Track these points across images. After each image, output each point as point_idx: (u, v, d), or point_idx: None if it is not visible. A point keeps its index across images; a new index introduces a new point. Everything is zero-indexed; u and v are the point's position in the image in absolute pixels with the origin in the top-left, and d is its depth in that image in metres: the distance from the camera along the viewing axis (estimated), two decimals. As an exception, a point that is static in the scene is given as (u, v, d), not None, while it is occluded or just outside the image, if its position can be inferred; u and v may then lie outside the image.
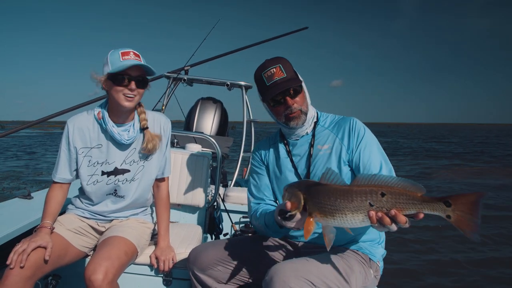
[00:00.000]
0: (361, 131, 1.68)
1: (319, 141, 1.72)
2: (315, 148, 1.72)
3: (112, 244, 1.76)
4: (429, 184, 9.92)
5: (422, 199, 1.10)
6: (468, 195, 1.06)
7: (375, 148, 1.65)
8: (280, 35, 4.46)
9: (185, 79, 3.93)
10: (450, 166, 14.54)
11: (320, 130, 1.75)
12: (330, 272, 1.46)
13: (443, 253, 4.92)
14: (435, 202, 1.08)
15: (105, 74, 1.75)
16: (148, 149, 1.90)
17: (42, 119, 2.79)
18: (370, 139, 1.67)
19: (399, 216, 1.12)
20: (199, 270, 1.70)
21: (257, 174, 1.87)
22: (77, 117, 1.89)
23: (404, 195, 1.11)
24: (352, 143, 1.66)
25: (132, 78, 1.76)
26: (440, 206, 1.07)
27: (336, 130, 1.72)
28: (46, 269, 1.64)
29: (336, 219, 1.21)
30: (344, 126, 1.71)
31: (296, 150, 1.76)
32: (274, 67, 1.63)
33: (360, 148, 1.64)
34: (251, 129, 4.60)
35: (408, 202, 1.10)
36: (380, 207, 1.13)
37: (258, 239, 1.83)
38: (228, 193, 3.31)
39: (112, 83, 1.75)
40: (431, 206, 1.08)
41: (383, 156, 1.64)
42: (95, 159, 1.87)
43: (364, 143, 1.65)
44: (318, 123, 1.77)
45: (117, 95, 1.76)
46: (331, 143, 1.70)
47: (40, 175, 11.61)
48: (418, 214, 1.12)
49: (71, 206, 1.99)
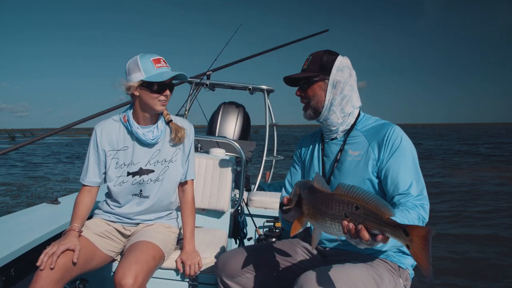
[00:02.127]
0: (396, 142, 1.54)
1: (352, 146, 1.64)
2: (346, 153, 1.64)
3: (140, 248, 1.77)
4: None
5: (386, 221, 1.05)
6: (421, 228, 1.00)
7: (409, 162, 1.52)
8: (301, 39, 4.43)
9: (207, 84, 3.95)
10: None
11: (355, 134, 1.66)
12: (360, 281, 1.40)
13: (478, 262, 4.71)
14: (396, 228, 1.03)
15: (137, 80, 1.80)
16: (178, 138, 1.96)
17: (68, 126, 2.83)
18: (405, 151, 1.53)
19: (362, 232, 1.07)
20: (227, 277, 1.67)
21: (293, 170, 1.88)
22: (104, 122, 1.96)
23: (374, 213, 1.07)
24: (383, 153, 1.54)
25: (167, 86, 1.84)
26: (400, 233, 1.02)
27: (371, 136, 1.61)
28: (74, 272, 1.66)
29: (318, 222, 1.19)
30: (380, 133, 1.59)
31: (328, 152, 1.72)
32: (308, 58, 1.68)
33: (391, 161, 1.52)
34: (274, 132, 4.58)
35: (375, 220, 1.06)
36: (353, 219, 1.10)
37: (286, 245, 1.79)
38: (252, 197, 3.29)
39: (148, 90, 1.82)
40: (392, 231, 1.04)
41: (417, 172, 1.51)
42: (122, 161, 1.92)
43: (396, 156, 1.52)
44: (355, 127, 1.68)
45: (153, 101, 1.83)
46: (363, 150, 1.60)
47: (67, 180, 11.91)
48: (378, 236, 1.06)
49: (98, 211, 2.02)
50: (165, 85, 1.83)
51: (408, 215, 1.35)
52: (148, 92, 1.82)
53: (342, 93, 1.64)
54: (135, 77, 1.81)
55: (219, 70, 3.72)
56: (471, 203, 7.87)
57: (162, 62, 1.84)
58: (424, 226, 1.00)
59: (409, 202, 1.43)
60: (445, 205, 7.60)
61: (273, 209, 3.24)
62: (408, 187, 1.46)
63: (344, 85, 1.64)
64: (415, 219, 1.36)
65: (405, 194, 1.45)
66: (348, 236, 1.11)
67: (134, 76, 1.81)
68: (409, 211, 1.37)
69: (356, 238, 1.09)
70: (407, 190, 1.46)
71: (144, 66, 1.80)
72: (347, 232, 1.10)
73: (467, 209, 7.31)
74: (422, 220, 1.39)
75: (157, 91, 1.82)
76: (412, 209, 1.39)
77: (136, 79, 1.80)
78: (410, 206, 1.41)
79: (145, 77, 1.79)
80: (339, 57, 1.65)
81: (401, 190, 1.47)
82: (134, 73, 1.81)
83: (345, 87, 1.64)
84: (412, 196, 1.45)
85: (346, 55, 1.69)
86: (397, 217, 1.30)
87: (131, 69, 1.82)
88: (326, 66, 1.63)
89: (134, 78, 1.81)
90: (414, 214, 1.37)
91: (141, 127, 1.90)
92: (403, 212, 1.36)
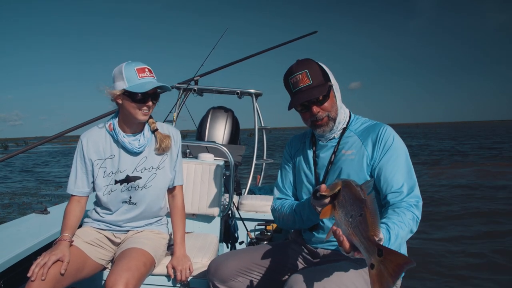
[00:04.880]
0: (389, 141, 1.57)
1: (345, 146, 1.66)
2: (339, 153, 1.66)
3: (131, 255, 1.78)
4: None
5: (368, 237, 1.07)
6: (399, 255, 1.02)
7: (402, 161, 1.55)
8: (289, 41, 4.44)
9: (195, 89, 3.96)
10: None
11: (348, 134, 1.68)
12: (350, 281, 1.43)
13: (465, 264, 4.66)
14: (371, 243, 1.06)
15: (120, 89, 1.80)
16: (162, 149, 1.96)
17: (59, 134, 2.84)
18: (397, 150, 1.56)
19: (344, 242, 1.15)
20: (219, 281, 1.68)
21: (284, 170, 1.87)
22: (89, 132, 1.96)
23: (365, 225, 1.09)
24: (376, 152, 1.58)
25: (149, 96, 1.83)
26: (373, 250, 1.05)
27: (364, 136, 1.64)
28: (65, 282, 1.66)
29: (339, 220, 1.22)
30: (372, 133, 1.62)
31: (321, 153, 1.72)
32: (300, 73, 1.56)
33: (384, 160, 1.55)
34: (263, 136, 4.61)
35: (361, 232, 1.09)
36: (350, 222, 1.14)
37: (278, 247, 1.81)
38: (242, 201, 3.31)
39: (129, 100, 1.81)
40: (369, 245, 1.06)
41: (409, 171, 1.54)
42: (109, 170, 1.93)
43: (389, 155, 1.55)
44: (348, 127, 1.70)
45: (134, 110, 1.83)
46: (356, 149, 1.63)
47: (59, 189, 11.80)
48: (356, 251, 1.12)
49: (87, 219, 2.02)
50: (147, 95, 1.82)
51: (404, 217, 1.39)
52: (130, 101, 1.82)
53: (339, 94, 1.68)
54: (118, 86, 1.81)
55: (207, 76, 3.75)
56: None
57: (147, 72, 1.83)
58: (404, 255, 1.05)
59: (404, 201, 1.47)
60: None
61: (264, 212, 3.25)
62: (401, 185, 1.50)
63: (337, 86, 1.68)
64: (410, 220, 1.40)
65: (398, 193, 1.49)
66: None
67: (117, 85, 1.82)
68: (405, 213, 1.41)
69: (340, 245, 1.16)
70: (400, 188, 1.49)
71: (128, 75, 1.80)
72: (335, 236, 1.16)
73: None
74: (415, 220, 1.44)
75: (139, 101, 1.81)
76: (407, 210, 1.43)
77: (119, 87, 1.81)
78: (405, 206, 1.44)
79: (127, 86, 1.79)
80: (317, 62, 1.65)
81: (394, 188, 1.50)
82: (118, 81, 1.82)
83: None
84: (405, 194, 1.49)
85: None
86: (393, 220, 1.36)
87: (115, 77, 1.83)
88: (324, 74, 1.61)
89: (117, 86, 1.82)
90: (409, 215, 1.41)
91: (127, 136, 1.91)
92: (399, 215, 1.39)
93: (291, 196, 1.84)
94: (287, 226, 1.81)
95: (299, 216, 1.67)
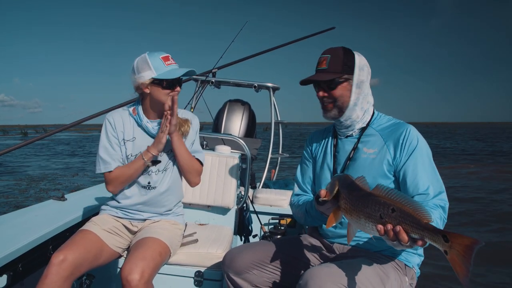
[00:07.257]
0: (413, 142, 1.55)
1: (366, 144, 1.64)
2: (360, 151, 1.64)
3: (147, 245, 1.80)
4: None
5: (424, 226, 1.07)
6: (465, 238, 1.01)
7: (427, 163, 1.54)
8: (307, 36, 4.41)
9: (212, 81, 3.96)
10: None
11: (370, 132, 1.67)
12: (365, 278, 1.42)
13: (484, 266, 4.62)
14: (434, 233, 1.05)
15: (148, 78, 1.86)
16: (182, 132, 2.00)
17: (77, 121, 2.88)
18: (422, 153, 1.55)
19: (401, 234, 1.09)
20: (234, 273, 1.68)
21: (304, 166, 1.87)
22: (114, 112, 2.03)
23: (411, 217, 1.09)
24: (399, 154, 1.56)
25: (177, 82, 1.93)
26: (439, 239, 1.04)
27: (387, 135, 1.62)
28: (84, 268, 1.69)
29: (353, 219, 1.22)
30: (396, 133, 1.60)
31: (341, 149, 1.72)
32: (324, 56, 1.62)
33: (408, 163, 1.53)
34: (279, 130, 4.59)
35: (412, 224, 1.08)
36: (389, 221, 1.12)
37: (293, 241, 1.81)
38: (257, 195, 3.31)
39: (160, 87, 1.88)
40: (430, 235, 1.06)
41: (434, 173, 1.53)
42: (129, 151, 1.97)
43: (414, 156, 1.53)
44: (370, 125, 1.68)
45: (164, 97, 1.89)
46: (378, 148, 1.61)
47: (76, 175, 12.02)
48: (418, 241, 1.09)
49: (105, 207, 2.04)
50: (175, 81, 1.90)
51: (432, 213, 1.35)
52: (160, 88, 1.88)
53: (363, 92, 1.65)
54: (146, 75, 1.86)
55: (225, 68, 3.73)
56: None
57: (171, 60, 1.91)
58: (469, 236, 1.04)
59: (430, 202, 1.46)
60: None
61: (279, 206, 3.25)
62: (427, 187, 1.49)
63: (366, 84, 1.65)
64: (438, 218, 1.39)
65: (425, 195, 1.48)
66: (385, 237, 1.14)
67: (144, 74, 1.86)
68: (432, 211, 1.39)
69: (394, 240, 1.12)
70: (426, 190, 1.49)
71: (154, 64, 1.86)
72: (384, 233, 1.12)
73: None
74: (443, 220, 1.43)
75: (169, 87, 1.89)
76: (434, 209, 1.41)
77: (148, 77, 1.86)
78: (432, 206, 1.43)
79: (156, 75, 1.85)
80: (356, 55, 1.63)
81: (420, 190, 1.49)
82: (144, 71, 1.86)
83: (366, 86, 1.66)
84: (431, 196, 1.48)
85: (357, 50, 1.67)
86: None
87: (140, 67, 1.87)
88: (348, 65, 1.60)
89: (145, 76, 1.86)
90: (436, 213, 1.40)
91: (150, 121, 1.97)
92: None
93: (309, 192, 1.83)
94: (304, 223, 1.81)
95: (309, 215, 1.68)
